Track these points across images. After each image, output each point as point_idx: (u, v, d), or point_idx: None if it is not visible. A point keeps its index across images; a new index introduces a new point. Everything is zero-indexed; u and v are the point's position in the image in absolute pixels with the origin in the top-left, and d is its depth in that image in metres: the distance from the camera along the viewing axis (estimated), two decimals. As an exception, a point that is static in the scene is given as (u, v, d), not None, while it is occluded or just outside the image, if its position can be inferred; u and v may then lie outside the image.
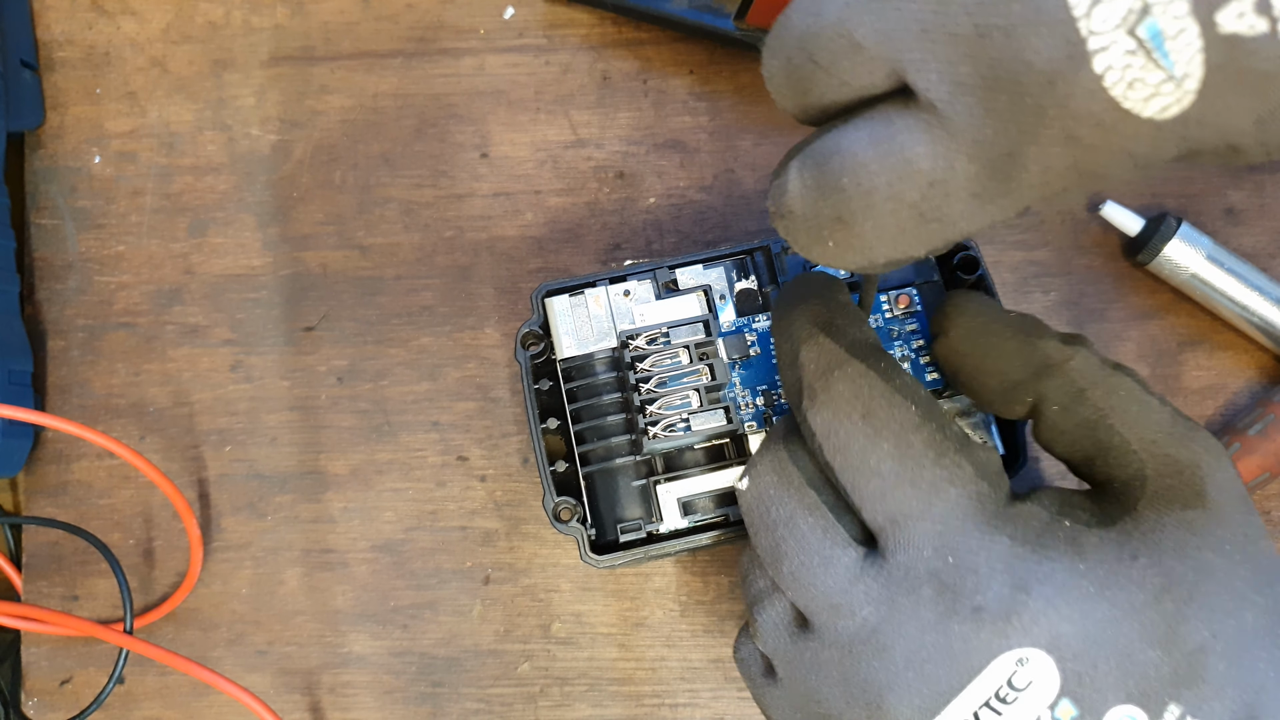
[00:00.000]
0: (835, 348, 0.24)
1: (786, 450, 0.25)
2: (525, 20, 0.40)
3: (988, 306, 0.27)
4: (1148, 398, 0.24)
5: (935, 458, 0.23)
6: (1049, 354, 0.25)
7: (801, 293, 0.26)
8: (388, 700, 0.36)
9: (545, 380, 0.32)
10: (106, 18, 0.42)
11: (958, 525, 0.22)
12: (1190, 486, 0.23)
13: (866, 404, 0.23)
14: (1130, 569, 0.22)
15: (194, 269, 0.39)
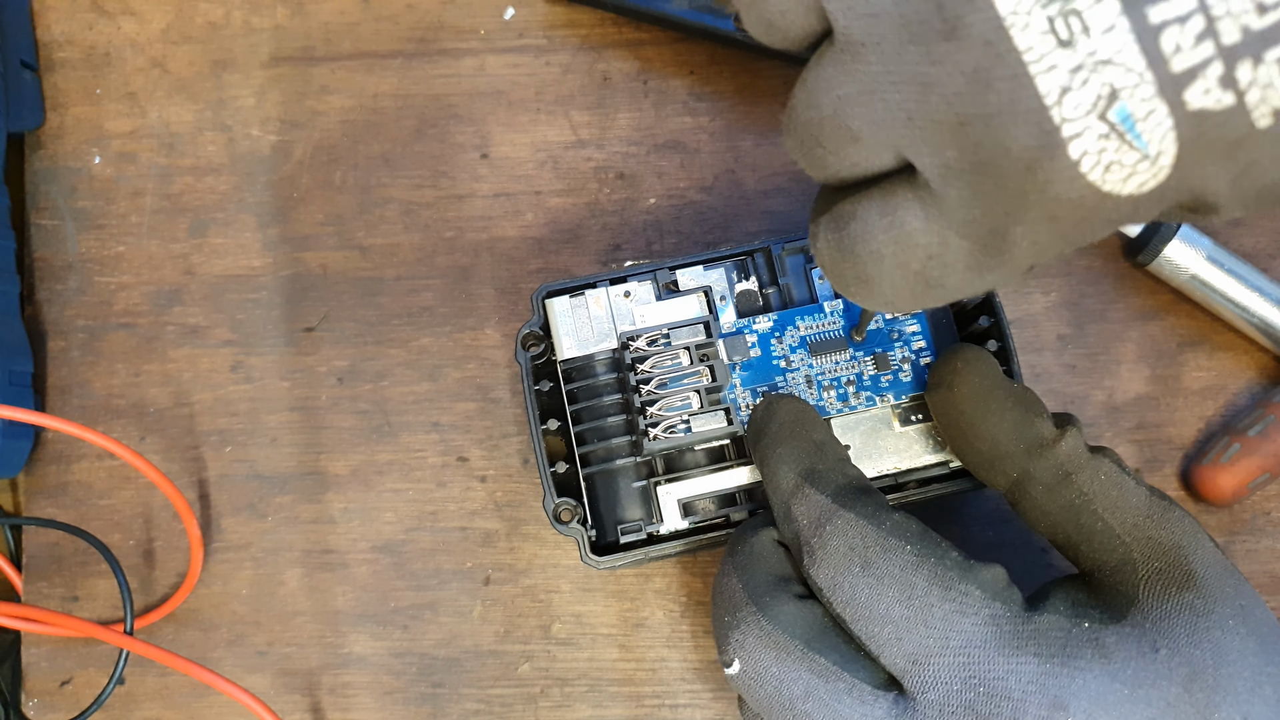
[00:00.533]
0: (823, 500, 0.25)
1: (768, 619, 0.25)
2: (525, 21, 0.40)
3: (993, 370, 0.28)
4: (1124, 479, 0.26)
5: (941, 593, 0.23)
6: (1042, 433, 0.26)
7: (779, 434, 0.27)
8: (388, 701, 0.36)
9: (546, 381, 0.32)
10: (106, 18, 0.41)
11: (980, 653, 0.22)
12: (1178, 567, 0.24)
13: (863, 555, 0.24)
14: (1154, 663, 0.22)
15: (194, 269, 0.39)
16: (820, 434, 0.28)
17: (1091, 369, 0.37)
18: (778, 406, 0.28)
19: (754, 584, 0.26)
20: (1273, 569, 0.36)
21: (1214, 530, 0.36)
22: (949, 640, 0.23)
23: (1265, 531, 0.36)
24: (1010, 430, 0.26)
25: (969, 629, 0.23)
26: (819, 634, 0.24)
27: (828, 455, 0.27)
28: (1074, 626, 0.23)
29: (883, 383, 0.31)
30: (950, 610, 0.23)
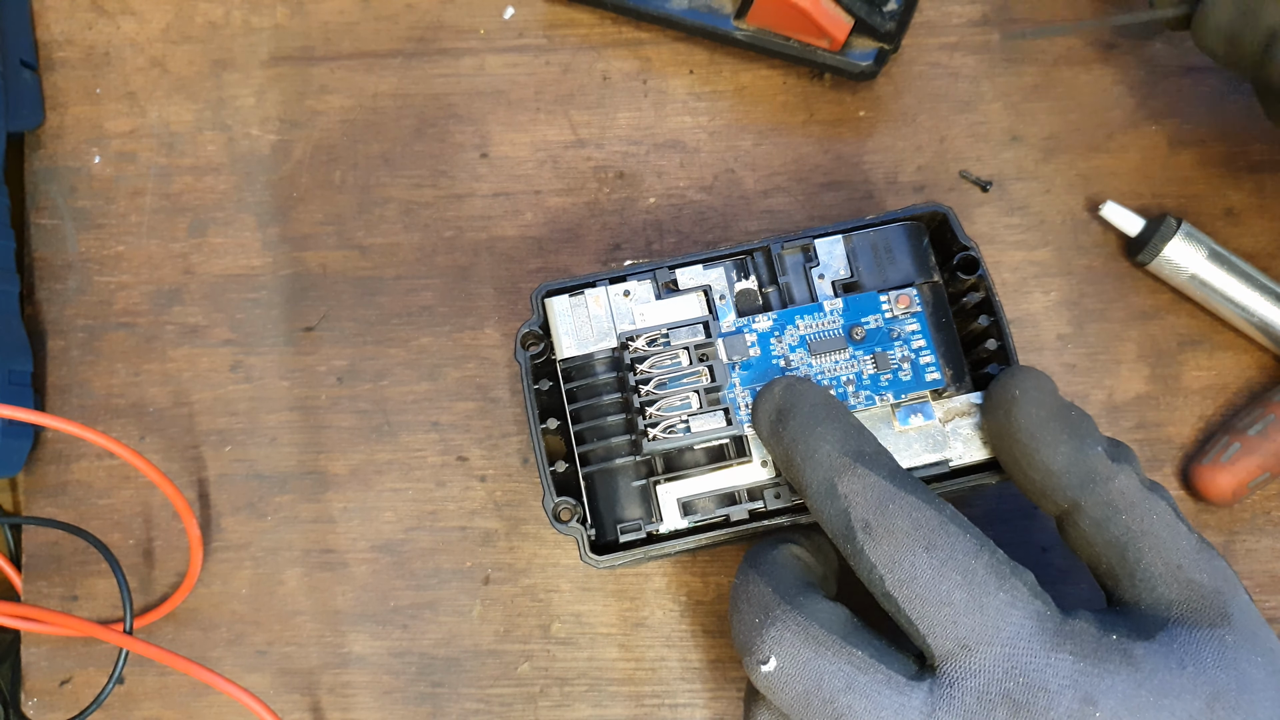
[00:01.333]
0: (880, 481, 0.26)
1: (804, 615, 0.25)
2: (525, 20, 0.40)
3: (1050, 397, 0.27)
4: (1178, 524, 0.26)
5: (998, 582, 0.24)
6: (1096, 467, 0.26)
7: (814, 414, 0.27)
8: (387, 700, 0.36)
9: (545, 380, 0.32)
10: (106, 18, 0.41)
11: (1025, 646, 0.23)
12: (1215, 608, 0.24)
13: (928, 536, 0.25)
14: (1180, 678, 0.23)
15: (194, 269, 0.39)
16: (854, 418, 0.28)
17: (1091, 368, 0.37)
18: (803, 388, 0.28)
19: (783, 585, 0.26)
20: (1273, 569, 0.36)
21: (1214, 530, 0.36)
22: (1000, 629, 0.23)
23: (1265, 531, 0.36)
24: (1064, 462, 0.26)
25: (1018, 621, 0.23)
26: (853, 629, 0.25)
27: (869, 439, 0.27)
28: (1103, 635, 0.24)
29: (882, 382, 0.31)
30: (1004, 601, 0.24)
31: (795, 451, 0.27)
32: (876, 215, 0.33)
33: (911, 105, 0.39)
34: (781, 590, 0.26)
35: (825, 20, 0.35)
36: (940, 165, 0.39)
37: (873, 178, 0.39)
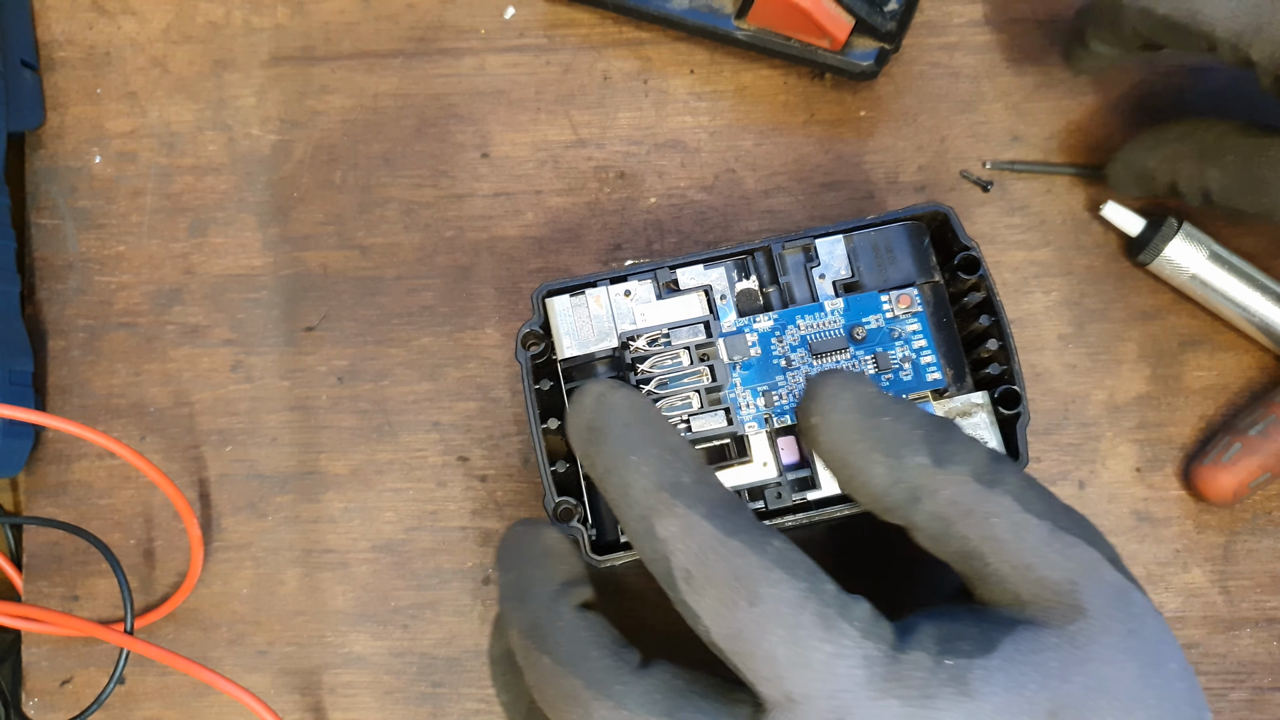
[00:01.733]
0: (699, 522, 0.24)
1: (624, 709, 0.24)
2: (526, 20, 0.40)
3: (851, 415, 0.25)
4: (1024, 518, 0.24)
5: (824, 634, 0.23)
6: (918, 483, 0.24)
7: (626, 437, 0.25)
8: (388, 700, 0.36)
9: (546, 380, 0.32)
10: (107, 18, 0.41)
11: (850, 697, 0.22)
12: (1067, 602, 0.23)
13: (750, 588, 0.23)
14: (1018, 699, 0.22)
15: (194, 269, 0.39)
16: (673, 436, 0.25)
17: (1092, 368, 0.37)
18: (614, 399, 0.26)
19: (587, 667, 0.24)
20: (1273, 569, 0.36)
21: (1214, 529, 0.36)
22: (826, 682, 0.22)
23: (1266, 531, 0.36)
24: (881, 484, 0.25)
25: (844, 672, 0.22)
26: (678, 699, 0.24)
27: (689, 464, 0.25)
28: (937, 665, 0.23)
29: (883, 382, 0.31)
30: (831, 654, 0.23)
31: (608, 484, 0.25)
32: (877, 215, 0.33)
33: (912, 105, 0.39)
34: (594, 679, 0.24)
35: (826, 20, 0.35)
36: (941, 165, 0.39)
37: (874, 177, 0.39)
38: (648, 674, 0.24)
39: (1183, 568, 0.36)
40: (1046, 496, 0.25)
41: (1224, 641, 0.35)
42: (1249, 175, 0.31)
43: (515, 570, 0.27)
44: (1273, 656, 0.35)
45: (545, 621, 0.26)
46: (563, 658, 0.25)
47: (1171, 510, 0.36)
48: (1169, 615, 0.35)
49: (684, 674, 0.25)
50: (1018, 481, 0.25)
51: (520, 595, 0.26)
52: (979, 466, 0.24)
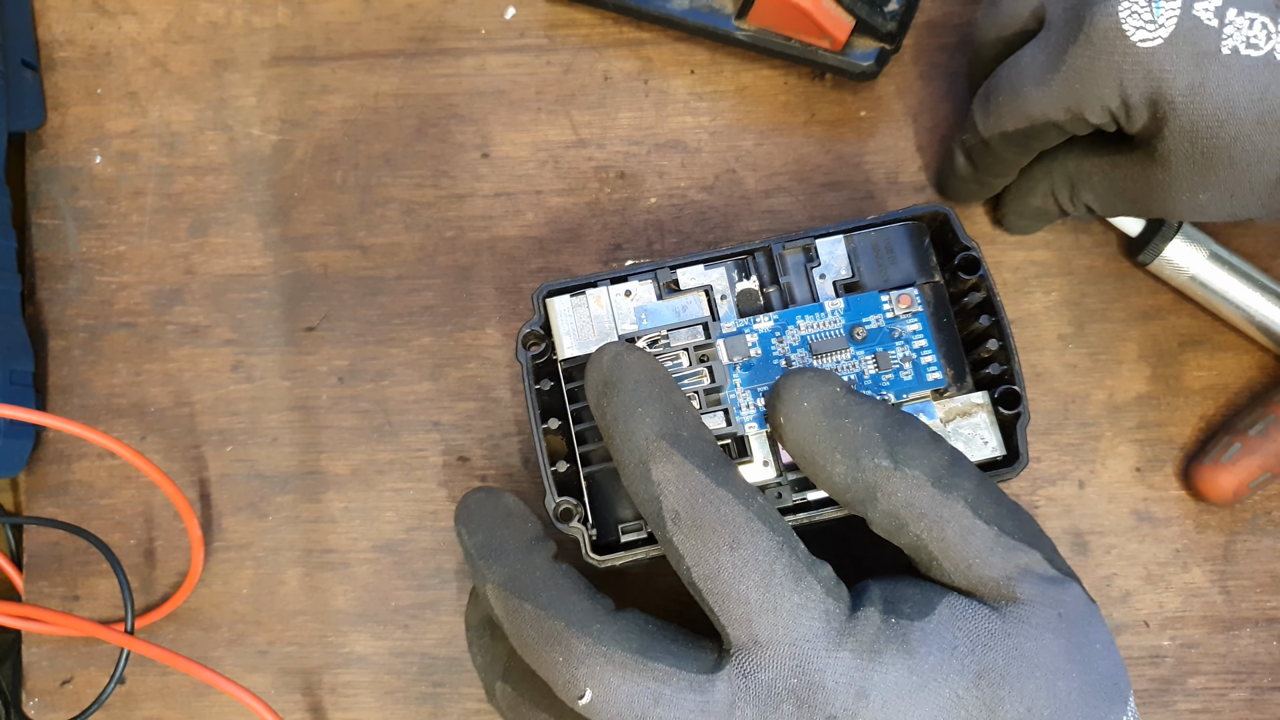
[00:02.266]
0: (693, 470, 0.26)
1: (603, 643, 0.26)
2: (526, 20, 0.41)
3: (814, 415, 0.27)
4: (973, 523, 0.26)
5: (794, 584, 0.25)
6: (876, 483, 0.26)
7: (637, 392, 0.27)
8: (388, 700, 0.36)
9: (546, 380, 0.32)
10: (107, 18, 0.42)
11: (809, 646, 0.25)
12: (1001, 594, 0.26)
13: (733, 534, 0.25)
14: (950, 660, 0.25)
15: (195, 269, 0.39)
16: (678, 396, 0.28)
17: (1092, 368, 0.37)
18: (630, 359, 0.28)
19: (567, 609, 0.27)
20: (1273, 568, 0.36)
21: (1214, 529, 0.36)
22: (790, 629, 0.25)
23: (1266, 531, 0.36)
24: (841, 481, 0.27)
25: (806, 623, 0.25)
26: (648, 638, 0.26)
27: (689, 420, 0.27)
28: (884, 623, 0.25)
29: (883, 382, 0.31)
30: (796, 604, 0.25)
31: (615, 430, 0.27)
32: (878, 215, 0.33)
33: (913, 105, 0.39)
34: (574, 619, 0.27)
35: (826, 20, 0.35)
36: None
37: (874, 178, 0.39)
38: (622, 617, 0.27)
39: (1182, 567, 0.36)
40: (998, 499, 0.27)
41: (1224, 641, 0.35)
42: (1116, 190, 0.33)
43: (484, 532, 0.29)
44: (1273, 656, 0.35)
45: (523, 573, 0.28)
46: (543, 603, 0.27)
47: (1171, 510, 0.36)
48: (1169, 615, 0.36)
49: (655, 620, 0.27)
50: (972, 486, 0.27)
51: (494, 553, 0.29)
52: (936, 470, 0.26)
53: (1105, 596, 0.36)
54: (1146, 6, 0.28)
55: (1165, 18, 0.28)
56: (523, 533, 0.29)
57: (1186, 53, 0.28)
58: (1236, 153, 0.28)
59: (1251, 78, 0.27)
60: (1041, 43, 0.31)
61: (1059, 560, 0.27)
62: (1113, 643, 0.26)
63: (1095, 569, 0.36)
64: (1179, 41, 0.28)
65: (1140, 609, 0.36)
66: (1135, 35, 0.28)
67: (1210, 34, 0.28)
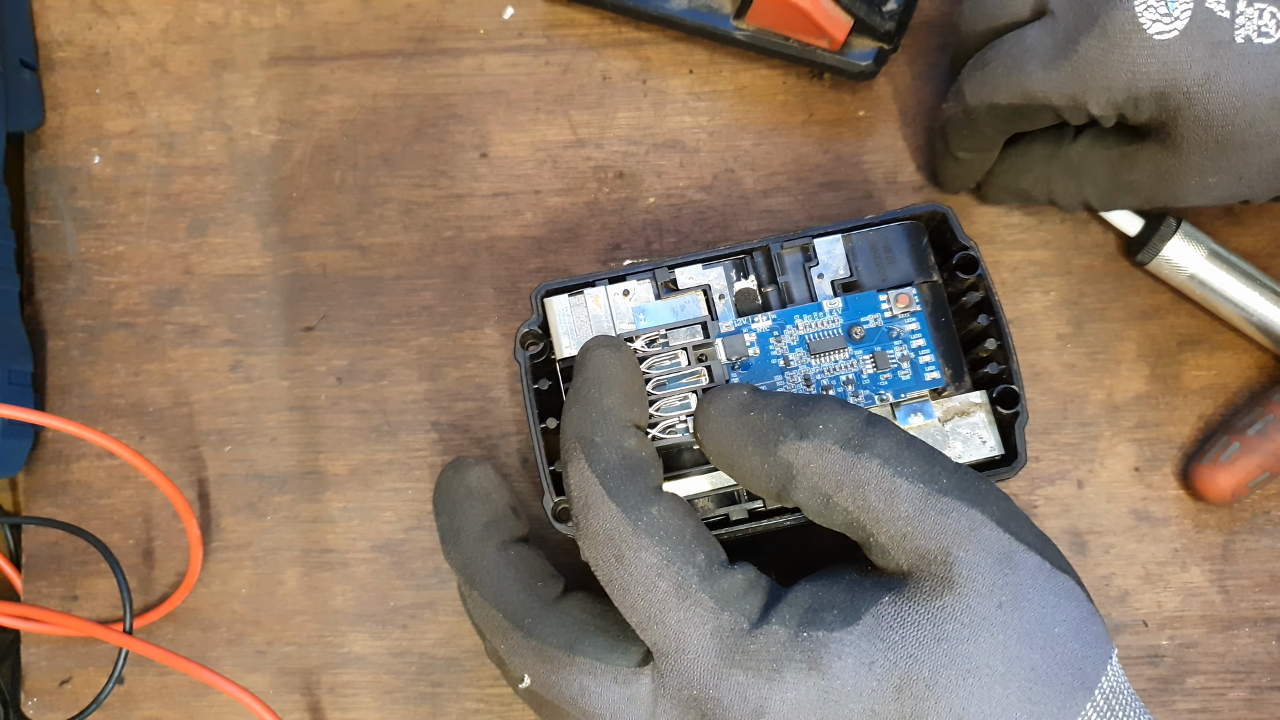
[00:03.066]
0: (591, 478, 0.26)
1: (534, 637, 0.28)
2: (525, 20, 0.41)
3: (727, 416, 0.28)
4: (893, 483, 0.25)
5: (679, 601, 0.25)
6: (788, 461, 0.26)
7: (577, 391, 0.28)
8: (387, 700, 0.36)
9: (545, 380, 0.32)
10: (106, 18, 0.42)
11: (699, 662, 0.25)
12: (938, 575, 0.24)
13: (618, 548, 0.26)
14: (867, 675, 0.23)
15: (194, 269, 0.39)
16: (612, 399, 0.28)
17: (1091, 368, 0.37)
18: (590, 358, 0.29)
19: (509, 605, 0.28)
20: (1273, 568, 0.36)
21: (1213, 529, 0.36)
22: (680, 645, 0.25)
23: (1265, 531, 0.36)
24: (758, 471, 0.27)
25: (695, 639, 0.25)
26: (579, 634, 0.27)
27: (609, 425, 0.27)
28: (793, 639, 0.24)
29: (882, 381, 0.31)
30: (682, 619, 0.25)
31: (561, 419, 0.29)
32: (876, 215, 0.33)
33: (911, 105, 0.39)
34: (510, 612, 0.28)
35: (825, 20, 0.35)
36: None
37: (872, 177, 0.39)
38: (558, 607, 0.28)
39: (1181, 567, 0.36)
40: (928, 456, 0.25)
41: (1222, 641, 0.35)
42: (1120, 184, 0.33)
43: (447, 514, 0.31)
44: (1271, 656, 0.35)
45: (473, 561, 0.30)
46: (486, 593, 0.29)
47: (1170, 510, 0.36)
48: (1167, 614, 0.35)
49: (596, 608, 0.28)
50: (889, 444, 0.25)
51: (453, 538, 0.30)
52: (844, 432, 0.26)
53: (1104, 596, 0.36)
54: (1162, 1, 0.29)
55: (1180, 10, 0.28)
56: (479, 516, 0.30)
57: (1201, 43, 0.28)
58: (1250, 137, 0.29)
59: (1264, 65, 0.28)
60: (1049, 27, 0.31)
61: (1015, 523, 0.25)
62: (1084, 617, 0.24)
63: (1094, 568, 0.36)
64: (1194, 33, 0.28)
65: (1139, 609, 0.36)
66: (1152, 29, 0.28)
67: (1223, 25, 0.28)
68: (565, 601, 0.29)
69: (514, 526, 0.31)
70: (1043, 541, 0.25)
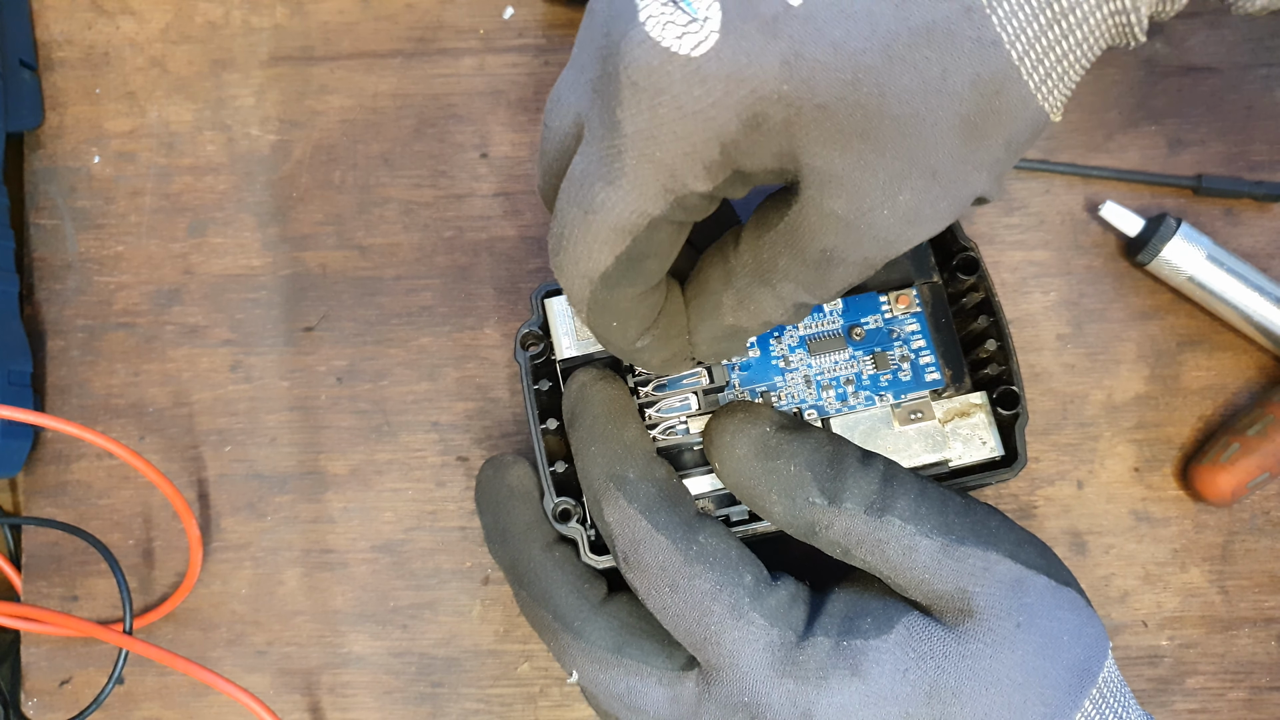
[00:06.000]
0: (634, 516, 0.28)
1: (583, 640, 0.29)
2: (525, 20, 0.40)
3: (746, 461, 0.28)
4: (914, 540, 0.26)
5: (733, 622, 0.26)
6: (813, 518, 0.27)
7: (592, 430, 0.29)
8: (387, 700, 0.36)
9: (545, 381, 0.32)
10: (106, 18, 0.41)
11: (753, 676, 0.26)
12: (957, 607, 0.26)
13: (672, 578, 0.27)
14: (902, 680, 0.25)
15: (193, 269, 0.39)
16: (631, 431, 0.29)
17: (1091, 368, 0.37)
18: (590, 393, 0.30)
19: (558, 607, 0.30)
20: (1272, 568, 0.36)
21: (1213, 529, 0.36)
22: (735, 661, 0.26)
23: (1265, 531, 0.36)
24: (782, 518, 0.28)
25: (749, 655, 0.26)
26: (625, 638, 0.29)
27: (638, 459, 0.29)
28: (836, 647, 0.26)
29: (882, 382, 0.31)
30: (737, 639, 0.26)
31: (577, 464, 0.30)
32: (876, 215, 0.33)
33: (911, 105, 0.39)
34: (559, 614, 0.29)
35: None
36: (940, 165, 0.38)
37: (872, 178, 0.39)
38: (604, 610, 0.29)
39: (1181, 568, 0.36)
40: (942, 505, 0.27)
41: (1222, 641, 0.35)
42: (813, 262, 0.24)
43: (490, 514, 0.32)
44: (1271, 656, 0.35)
45: (520, 562, 0.31)
46: (534, 594, 0.30)
47: (1170, 510, 0.36)
48: (1167, 615, 0.36)
49: (641, 611, 0.29)
50: (907, 502, 0.27)
51: (499, 537, 0.31)
52: (868, 496, 0.27)
53: (1104, 596, 0.36)
54: (673, 9, 0.20)
55: (704, 7, 0.20)
56: (521, 516, 0.31)
57: (754, 29, 0.20)
58: (891, 108, 0.20)
59: (842, 10, 0.20)
60: (589, 134, 0.23)
61: (1024, 550, 0.27)
62: (1084, 622, 0.26)
63: (1094, 569, 0.36)
64: (736, 21, 0.20)
65: (1139, 609, 0.36)
66: (683, 46, 0.20)
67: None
68: (611, 604, 0.30)
69: (550, 532, 0.31)
70: (1047, 560, 0.27)
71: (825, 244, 0.23)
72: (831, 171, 0.21)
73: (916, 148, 0.21)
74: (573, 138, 0.24)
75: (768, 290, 0.25)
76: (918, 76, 0.20)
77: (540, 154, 0.25)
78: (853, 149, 0.21)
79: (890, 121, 0.20)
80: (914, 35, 0.20)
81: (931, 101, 0.20)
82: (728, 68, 0.20)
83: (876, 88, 0.20)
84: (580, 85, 0.23)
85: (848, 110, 0.20)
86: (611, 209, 0.22)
